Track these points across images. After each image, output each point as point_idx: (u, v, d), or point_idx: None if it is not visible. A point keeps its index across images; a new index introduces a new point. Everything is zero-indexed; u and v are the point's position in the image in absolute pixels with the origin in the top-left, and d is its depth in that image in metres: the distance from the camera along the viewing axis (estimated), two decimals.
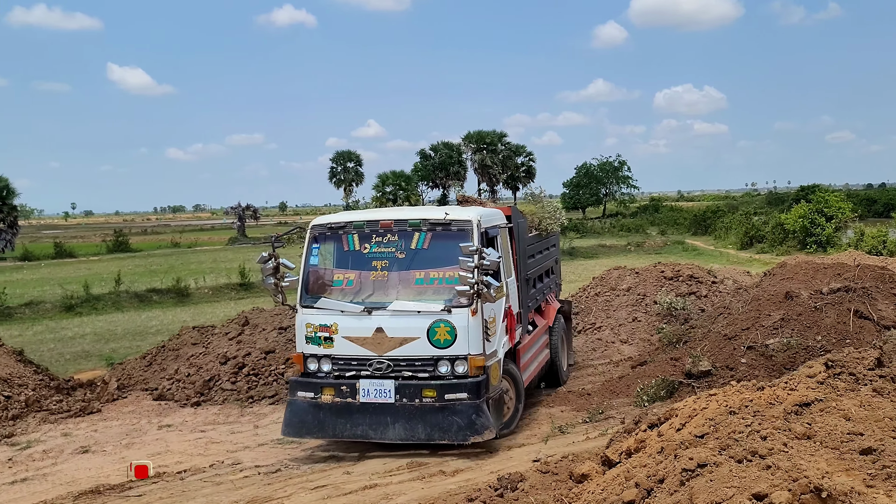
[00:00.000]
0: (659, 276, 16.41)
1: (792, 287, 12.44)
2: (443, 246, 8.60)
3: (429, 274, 8.65)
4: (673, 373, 10.77)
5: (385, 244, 8.77)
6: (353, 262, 8.93)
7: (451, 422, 8.28)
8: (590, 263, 39.02)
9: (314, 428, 8.67)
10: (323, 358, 8.74)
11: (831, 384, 5.16)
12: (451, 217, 8.75)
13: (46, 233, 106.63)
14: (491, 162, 71.64)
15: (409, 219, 8.82)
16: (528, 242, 11.13)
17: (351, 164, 75.55)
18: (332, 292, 8.88)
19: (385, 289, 8.69)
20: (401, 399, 8.38)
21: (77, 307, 27.97)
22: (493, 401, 8.55)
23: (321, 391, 8.66)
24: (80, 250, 58.33)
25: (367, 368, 8.53)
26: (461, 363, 8.38)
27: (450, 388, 8.33)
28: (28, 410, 10.77)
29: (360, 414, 8.48)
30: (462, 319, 8.33)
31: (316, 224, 9.20)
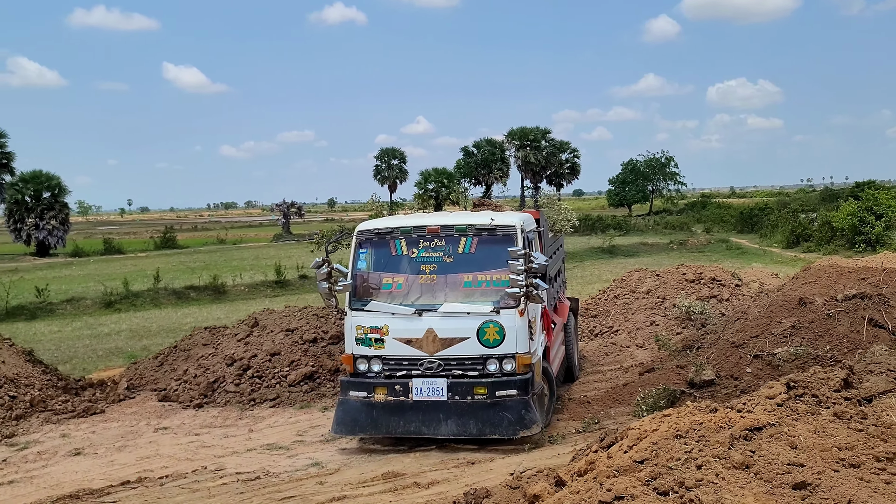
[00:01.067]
0: (680, 278, 16.00)
1: (812, 292, 12.01)
2: (489, 250, 9.00)
3: (476, 277, 9.03)
4: (677, 381, 10.44)
5: (433, 249, 9.14)
6: (401, 266, 9.26)
7: (501, 417, 8.68)
8: (629, 262, 38.41)
9: (367, 426, 9.02)
10: (373, 359, 9.09)
11: (790, 407, 4.87)
12: (497, 222, 9.11)
13: (101, 229, 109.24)
14: (534, 159, 71.09)
15: (455, 224, 9.19)
16: (549, 243, 11.55)
17: (395, 161, 75.69)
18: (380, 295, 9.19)
19: (433, 292, 9.04)
20: (453, 396, 8.80)
21: (116, 304, 28.49)
22: (538, 396, 9.00)
23: (374, 390, 9.01)
24: (129, 247, 59.51)
25: (419, 368, 8.91)
26: (509, 361, 8.80)
27: (500, 385, 8.75)
28: (32, 410, 10.93)
29: (413, 411, 8.87)
30: (510, 320, 8.74)
31: (362, 229, 9.48)
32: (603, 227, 56.40)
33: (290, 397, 11.66)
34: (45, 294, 28.34)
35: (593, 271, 35.42)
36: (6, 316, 26.42)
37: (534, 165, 71.49)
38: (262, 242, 62.85)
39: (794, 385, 5.04)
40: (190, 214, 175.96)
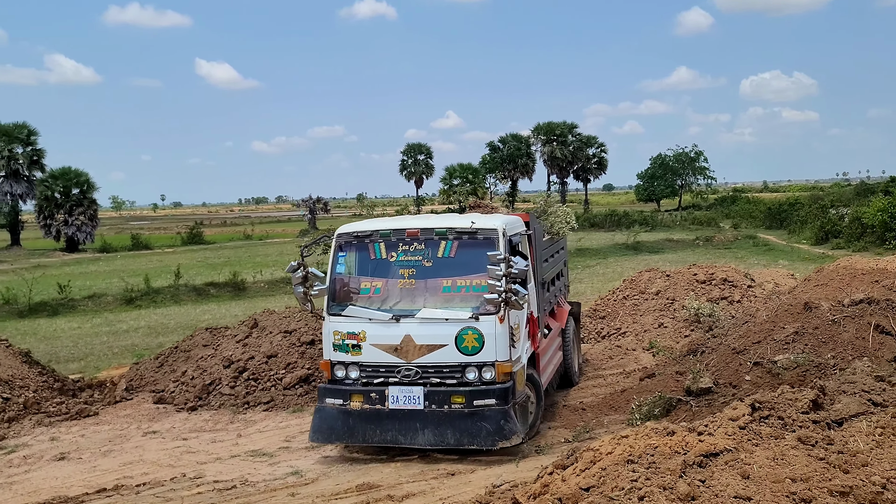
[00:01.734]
0: (691, 279, 15.63)
1: (823, 295, 11.64)
2: (469, 254, 8.73)
3: (456, 282, 8.77)
4: (675, 388, 10.14)
5: (412, 252, 8.88)
6: (379, 270, 9.04)
7: (479, 427, 8.40)
8: (653, 258, 37.92)
9: (343, 434, 8.83)
10: (351, 365, 8.86)
11: (753, 430, 4.60)
12: (478, 225, 8.84)
13: (134, 224, 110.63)
14: (561, 154, 70.49)
15: (435, 227, 8.92)
16: (543, 247, 11.14)
17: (421, 156, 75.57)
18: (359, 300, 8.98)
19: (412, 296, 8.79)
20: (430, 405, 8.54)
21: (137, 300, 28.67)
22: (520, 406, 8.71)
23: (350, 398, 8.79)
24: (157, 242, 60.13)
25: (396, 375, 8.66)
26: (489, 370, 8.53)
27: (478, 394, 8.47)
28: (26, 413, 10.92)
29: (390, 420, 8.63)
30: (490, 327, 8.46)
31: (342, 233, 9.26)
32: (629, 222, 55.77)
33: (284, 400, 11.54)
34: (67, 290, 28.62)
35: (616, 268, 34.98)
36: (29, 312, 26.73)
37: (560, 160, 70.88)
38: (288, 238, 63.07)
39: (760, 406, 4.76)
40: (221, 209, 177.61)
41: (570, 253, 43.18)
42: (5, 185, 55.87)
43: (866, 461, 4.11)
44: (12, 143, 56.02)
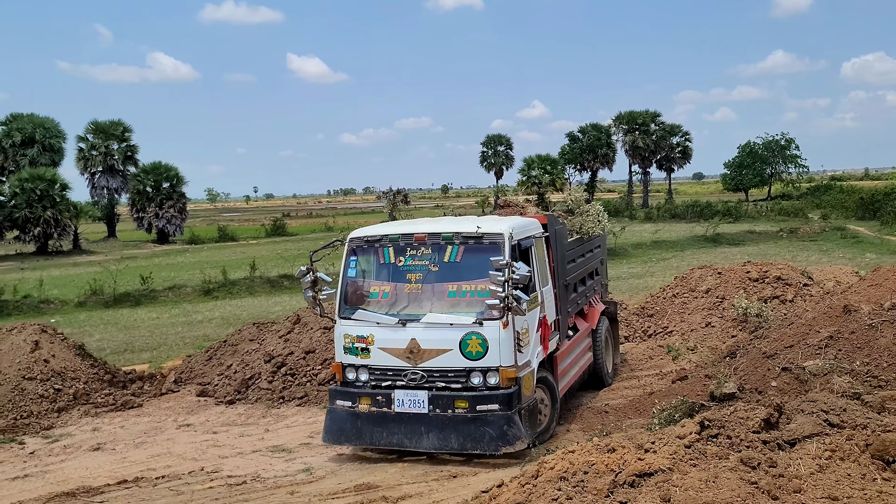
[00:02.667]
0: (744, 276, 15.14)
1: (877, 296, 11.14)
2: (475, 259, 8.72)
3: (461, 287, 8.79)
4: (702, 393, 9.88)
5: (419, 257, 8.94)
6: (388, 275, 9.12)
7: (482, 432, 8.43)
8: (732, 251, 36.91)
9: (352, 436, 8.99)
10: (360, 368, 9.00)
11: (699, 449, 4.48)
12: (483, 230, 8.83)
13: (226, 215, 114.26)
14: (643, 143, 69.00)
15: (442, 232, 8.97)
16: (567, 248, 10.98)
17: (501, 147, 75.28)
18: (369, 304, 9.09)
19: (419, 301, 8.87)
20: (434, 409, 8.59)
21: (214, 291, 29.68)
22: (526, 411, 8.67)
23: (358, 400, 8.93)
24: (242, 234, 61.95)
25: (402, 379, 8.75)
26: (493, 375, 8.51)
27: (482, 399, 8.49)
28: (75, 403, 11.52)
29: (396, 423, 8.73)
30: (493, 332, 8.45)
31: (353, 237, 9.43)
32: (711, 213, 54.20)
33: (318, 396, 11.80)
34: (150, 281, 29.83)
35: (692, 261, 34.13)
36: (113, 302, 28.03)
37: (642, 150, 69.34)
38: None
39: (709, 424, 4.62)
40: (310, 201, 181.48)
41: (646, 245, 42.43)
42: (102, 179, 58.69)
43: (801, 487, 3.94)
44: (108, 140, 58.77)
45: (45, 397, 11.32)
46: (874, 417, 4.85)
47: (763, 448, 4.41)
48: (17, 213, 48.63)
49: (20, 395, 11.17)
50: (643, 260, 36.28)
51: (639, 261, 35.90)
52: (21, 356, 11.71)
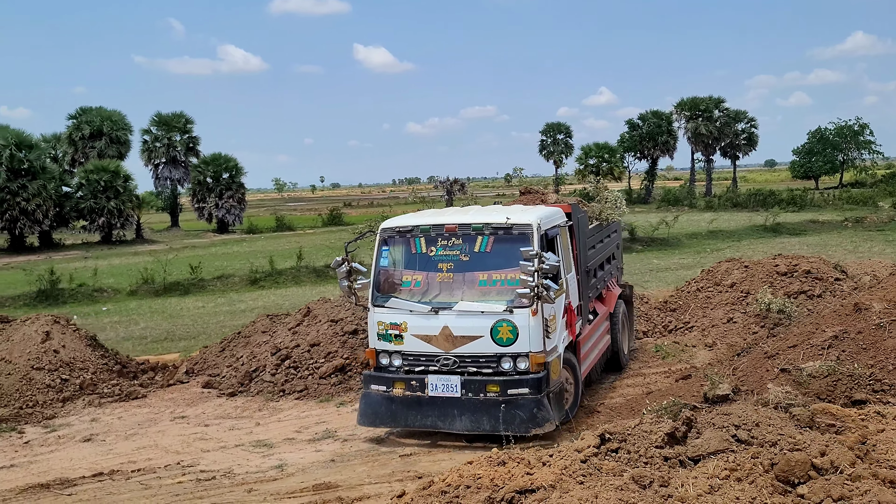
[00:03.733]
0: (771, 270, 14.50)
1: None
2: (505, 248, 8.99)
3: (492, 275, 9.07)
4: (697, 393, 9.44)
5: (450, 247, 9.20)
6: (420, 264, 9.38)
7: (513, 415, 8.73)
8: (791, 242, 35.63)
9: (387, 418, 9.34)
10: (394, 354, 9.32)
11: (594, 464, 4.19)
12: (513, 221, 9.09)
13: (290, 204, 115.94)
14: (706, 130, 67.10)
15: (472, 223, 9.22)
16: (588, 235, 11.24)
17: (561, 135, 74.26)
18: (401, 292, 9.36)
19: (451, 289, 9.14)
20: (466, 393, 8.92)
21: (261, 281, 30.06)
22: (554, 394, 9.02)
23: (392, 385, 9.25)
24: (299, 223, 62.68)
25: (435, 364, 9.06)
26: (523, 360, 8.84)
27: (512, 383, 8.80)
28: (81, 393, 11.73)
29: (429, 406, 9.08)
30: (523, 319, 8.73)
31: (385, 227, 9.71)
32: (775, 202, 52.40)
33: (318, 390, 11.75)
34: (198, 271, 30.38)
35: (747, 252, 33.08)
36: (163, 291, 28.66)
37: (705, 137, 67.41)
38: None
39: (610, 438, 4.32)
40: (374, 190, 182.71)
41: (701, 235, 41.24)
42: (165, 170, 60.20)
43: None
44: (171, 132, 60.20)
45: (52, 387, 11.56)
46: (790, 434, 4.43)
47: (662, 465, 4.09)
48: (83, 203, 50.26)
49: (28, 385, 11.43)
50: (696, 250, 35.28)
51: (691, 251, 34.92)
52: (32, 346, 11.98)
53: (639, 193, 69.14)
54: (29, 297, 28.05)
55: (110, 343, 18.41)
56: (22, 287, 28.70)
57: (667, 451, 4.23)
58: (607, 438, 4.35)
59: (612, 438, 4.34)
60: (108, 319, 23.57)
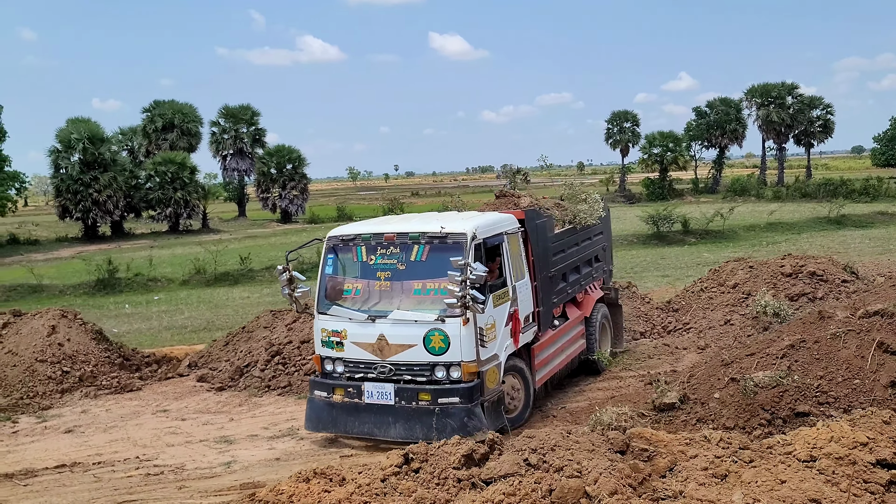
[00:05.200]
0: (777, 271, 14.12)
1: (894, 298, 10.16)
2: (439, 258, 9.06)
3: (426, 284, 9.21)
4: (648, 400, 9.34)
5: (388, 256, 9.41)
6: (361, 272, 9.66)
7: (444, 423, 8.81)
8: (854, 235, 34.41)
9: (329, 424, 9.58)
10: (336, 360, 9.56)
11: (392, 484, 4.30)
12: (447, 230, 9.19)
13: (363, 193, 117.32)
14: (777, 117, 64.88)
15: (409, 232, 9.41)
16: (553, 240, 11.19)
17: (628, 124, 72.93)
18: (344, 300, 9.65)
19: (388, 298, 9.34)
20: (400, 401, 9.07)
21: (308, 272, 30.60)
22: (490, 403, 9.05)
23: (333, 391, 9.50)
24: (360, 213, 63.50)
25: (373, 372, 9.26)
26: (455, 369, 8.93)
27: (443, 392, 8.92)
28: (80, 385, 12.34)
29: (366, 413, 9.27)
30: (455, 329, 8.83)
31: (331, 236, 9.98)
32: (846, 192, 50.34)
33: (300, 386, 12.05)
34: (248, 262, 31.20)
35: (804, 245, 32.10)
36: (214, 281, 29.58)
37: (777, 125, 65.21)
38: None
39: (413, 457, 4.41)
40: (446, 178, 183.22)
41: (759, 227, 39.96)
42: (232, 161, 61.95)
43: None
44: (238, 124, 61.84)
45: (53, 379, 12.20)
46: (577, 460, 4.38)
47: (453, 486, 4.16)
48: (152, 194, 52.21)
49: (30, 376, 12.10)
50: (751, 244, 34.32)
51: (746, 244, 33.96)
52: (38, 339, 12.66)
53: (706, 183, 67.49)
54: (88, 285, 29.36)
55: (152, 332, 19.30)
56: (83, 276, 29.97)
57: (462, 473, 4.31)
58: (411, 458, 4.44)
59: (415, 458, 4.43)
60: (157, 308, 24.50)
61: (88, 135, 49.17)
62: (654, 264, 28.81)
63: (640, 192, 64.42)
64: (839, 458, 4.23)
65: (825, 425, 4.82)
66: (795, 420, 7.97)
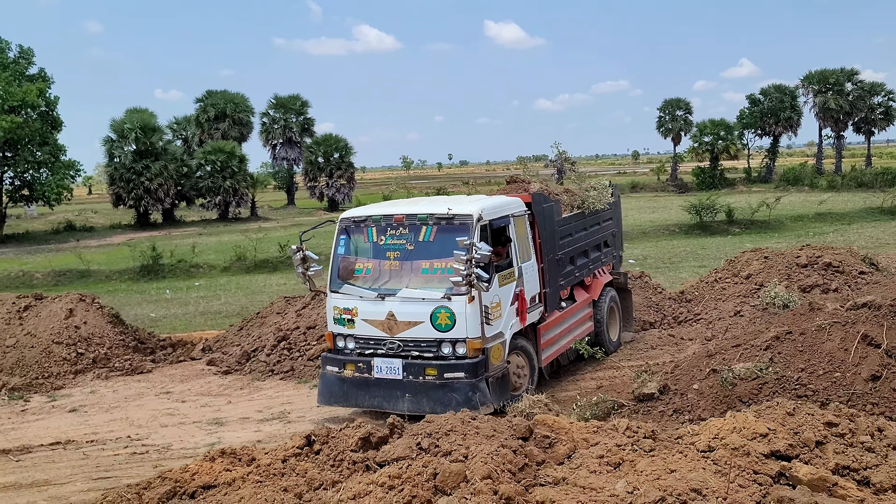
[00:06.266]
0: (792, 262, 13.79)
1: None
2: (446, 238, 9.34)
3: (433, 264, 9.51)
4: None
5: (398, 237, 9.72)
6: (372, 253, 10.01)
7: (450, 398, 9.15)
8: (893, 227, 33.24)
9: (340, 398, 9.98)
10: (347, 337, 9.93)
11: (291, 465, 4.39)
12: (454, 212, 9.49)
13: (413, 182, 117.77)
14: (836, 104, 62.92)
15: (417, 213, 9.72)
16: (560, 224, 11.44)
17: (680, 112, 71.64)
18: (355, 279, 9.98)
19: (398, 277, 9.68)
20: (408, 376, 9.40)
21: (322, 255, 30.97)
22: (495, 379, 9.35)
23: (344, 367, 9.86)
24: None
25: (382, 348, 9.60)
26: (461, 345, 9.25)
27: (449, 367, 9.25)
28: (93, 367, 12.76)
29: (376, 388, 9.64)
30: (460, 306, 9.14)
31: (343, 217, 10.35)
32: None
33: (302, 371, 12.26)
34: (286, 249, 31.68)
35: (854, 236, 31.26)
36: (254, 268, 30.12)
37: (835, 112, 63.24)
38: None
39: (315, 439, 4.48)
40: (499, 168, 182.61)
41: (809, 217, 38.77)
42: (281, 151, 62.90)
43: None
44: (288, 113, 62.73)
45: (68, 360, 12.64)
46: (466, 445, 4.36)
47: (347, 469, 4.22)
48: (202, 183, 53.35)
49: (46, 358, 12.56)
50: (797, 234, 33.46)
51: (791, 235, 33.11)
52: (56, 322, 13.12)
53: (759, 172, 65.90)
54: (133, 271, 30.18)
55: (187, 317, 19.79)
56: (129, 262, 30.79)
57: (358, 456, 4.36)
58: (313, 440, 4.52)
59: (316, 440, 4.51)
60: (195, 294, 25.06)
61: (141, 125, 50.43)
62: (693, 254, 28.28)
63: (691, 182, 63.26)
64: (735, 449, 4.16)
65: (732, 416, 4.73)
66: None
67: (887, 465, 4.19)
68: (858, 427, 4.58)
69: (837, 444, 4.38)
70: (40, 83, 43.52)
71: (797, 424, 4.60)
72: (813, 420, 4.65)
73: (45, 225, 52.00)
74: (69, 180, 46.51)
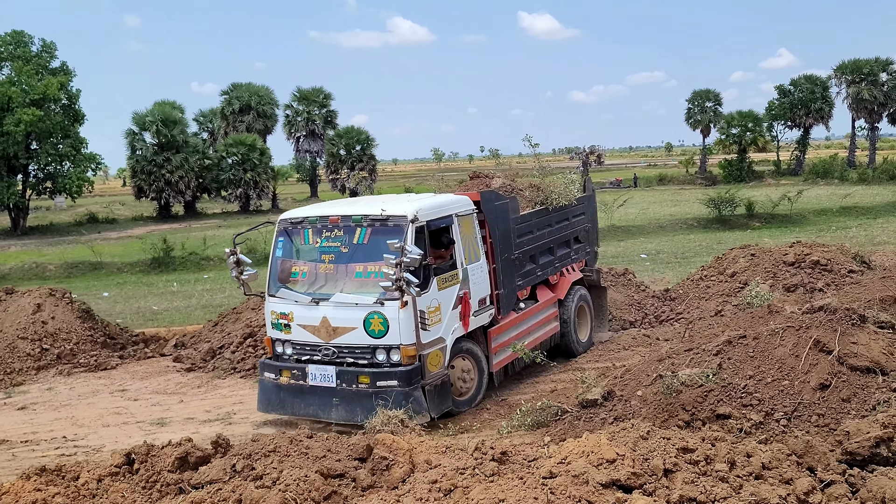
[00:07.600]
0: (778, 260, 13.21)
1: (881, 290, 9.40)
2: (381, 240, 9.01)
3: (367, 267, 9.19)
4: None
5: (333, 239, 9.44)
6: (308, 255, 9.75)
7: (383, 407, 8.66)
8: None
9: (277, 405, 9.68)
10: (285, 343, 9.67)
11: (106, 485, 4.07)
12: (388, 213, 9.20)
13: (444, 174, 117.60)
14: (869, 95, 61.17)
15: (352, 215, 9.40)
16: (518, 221, 10.99)
17: (710, 103, 70.19)
18: (292, 282, 9.71)
19: (333, 281, 9.38)
20: (341, 384, 9.11)
21: None
22: (433, 387, 9.04)
23: (280, 373, 9.58)
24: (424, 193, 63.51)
25: (318, 354, 9.33)
26: (395, 352, 8.96)
27: (382, 375, 8.94)
28: (57, 362, 12.61)
29: (311, 395, 9.34)
30: (393, 312, 8.82)
31: (281, 219, 10.03)
32: None
33: None
34: None
35: (878, 231, 30.41)
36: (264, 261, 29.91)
37: (868, 103, 61.47)
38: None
39: (135, 457, 4.17)
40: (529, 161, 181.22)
41: (833, 211, 37.75)
42: (304, 143, 62.94)
43: None
44: (311, 106, 62.72)
45: (31, 356, 12.51)
46: (282, 469, 4.00)
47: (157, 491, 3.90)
48: (223, 175, 53.54)
49: (10, 353, 12.43)
50: (819, 229, 32.55)
51: (813, 230, 32.20)
52: (23, 317, 13.01)
53: (788, 164, 64.38)
54: (145, 264, 30.33)
55: (187, 310, 19.70)
56: (143, 255, 30.92)
57: (174, 477, 4.04)
58: (133, 458, 4.21)
59: (136, 458, 4.19)
60: (201, 287, 25.06)
61: (162, 117, 50.69)
62: (707, 249, 27.49)
63: (719, 174, 62.07)
64: (575, 476, 3.74)
65: (586, 437, 4.32)
66: (715, 422, 7.35)
67: (737, 497, 3.76)
68: (718, 453, 4.14)
69: (688, 473, 3.95)
70: (62, 76, 43.87)
71: (648, 450, 4.16)
72: (667, 445, 4.23)
73: (69, 217, 52.62)
74: (90, 173, 46.93)
